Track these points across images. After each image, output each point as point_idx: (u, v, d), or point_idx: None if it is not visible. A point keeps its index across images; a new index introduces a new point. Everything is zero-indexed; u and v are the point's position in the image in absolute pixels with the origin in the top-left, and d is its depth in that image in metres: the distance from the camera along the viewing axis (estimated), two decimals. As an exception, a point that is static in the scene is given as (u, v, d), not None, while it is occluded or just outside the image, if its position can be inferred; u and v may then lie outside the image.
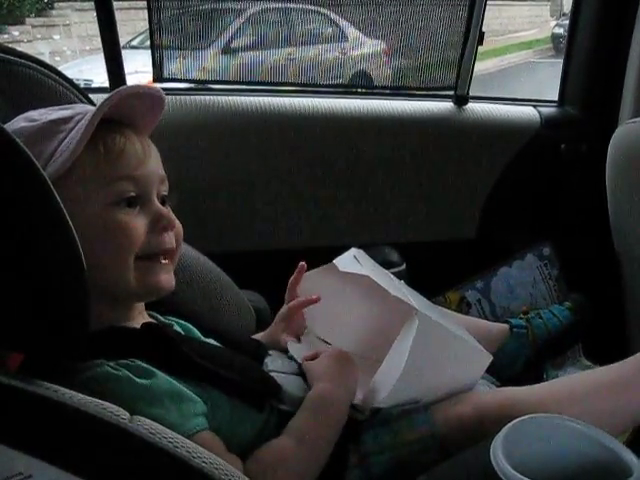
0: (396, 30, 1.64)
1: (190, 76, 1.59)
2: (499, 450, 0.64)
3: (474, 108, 1.62)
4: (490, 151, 1.62)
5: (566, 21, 1.76)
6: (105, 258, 0.76)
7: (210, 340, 0.91)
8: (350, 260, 0.99)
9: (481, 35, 1.56)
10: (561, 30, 7.69)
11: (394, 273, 1.09)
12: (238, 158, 1.49)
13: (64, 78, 1.09)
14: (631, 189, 1.33)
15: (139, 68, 2.32)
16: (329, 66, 1.76)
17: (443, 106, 1.61)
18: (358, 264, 0.97)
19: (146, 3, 1.44)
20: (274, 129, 1.50)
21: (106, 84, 1.47)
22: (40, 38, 5.69)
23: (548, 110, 1.69)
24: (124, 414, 0.59)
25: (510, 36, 9.59)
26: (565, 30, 1.75)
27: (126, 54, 1.46)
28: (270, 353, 0.94)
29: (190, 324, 0.92)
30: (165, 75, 1.51)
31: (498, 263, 1.52)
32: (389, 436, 0.84)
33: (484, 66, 7.20)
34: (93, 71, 3.62)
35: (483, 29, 1.56)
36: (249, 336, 1.05)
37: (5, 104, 0.95)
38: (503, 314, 1.47)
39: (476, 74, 1.62)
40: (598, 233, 1.49)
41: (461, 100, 1.61)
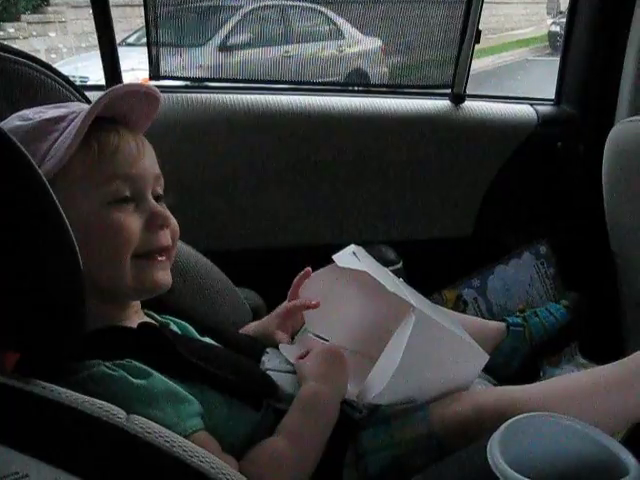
0: (393, 28, 1.64)
1: (186, 74, 1.59)
2: (496, 448, 0.64)
3: (471, 106, 1.62)
4: (487, 149, 1.62)
5: (562, 19, 1.77)
6: (101, 257, 0.76)
7: (206, 338, 0.91)
8: (349, 256, 0.99)
9: (478, 33, 1.56)
10: (557, 28, 7.71)
11: (391, 271, 1.09)
12: (234, 156, 1.49)
13: (60, 75, 1.08)
14: (627, 187, 1.33)
15: (135, 65, 2.31)
16: (326, 64, 1.76)
17: (440, 104, 1.61)
18: (356, 260, 0.97)
19: (142, 0, 1.43)
20: (270, 127, 1.50)
21: (102, 81, 1.46)
22: (36, 35, 5.68)
23: (545, 108, 1.69)
24: (120, 413, 0.59)
25: (507, 34, 9.59)
26: (561, 28, 1.76)
27: (122, 51, 1.46)
28: (267, 351, 0.94)
29: (186, 322, 0.91)
30: (161, 73, 1.50)
31: (495, 261, 1.52)
32: (386, 435, 0.83)
33: (481, 64, 7.20)
34: (89, 68, 3.61)
35: (480, 27, 1.56)
36: (244, 333, 1.05)
37: (0, 101, 0.95)
38: (500, 312, 1.47)
39: (473, 72, 1.62)
40: (594, 231, 1.49)
41: (458, 98, 1.61)
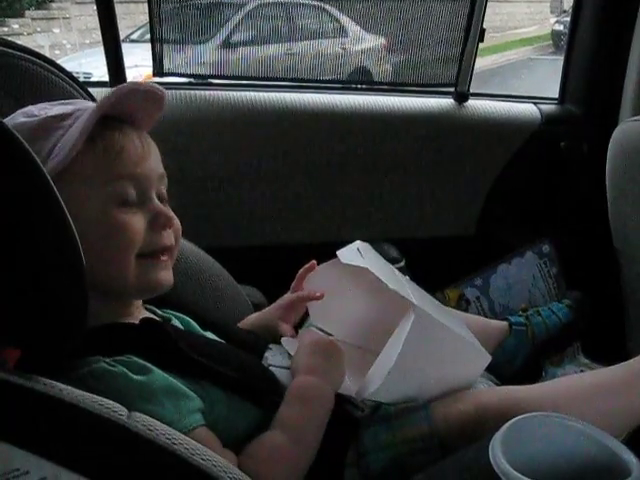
0: (397, 26, 1.63)
1: (190, 71, 1.59)
2: (498, 448, 0.64)
3: (474, 105, 1.62)
4: (490, 148, 1.62)
5: (566, 18, 1.77)
6: (105, 256, 0.76)
7: (208, 334, 0.91)
8: (353, 253, 0.99)
9: (482, 32, 1.56)
10: (561, 27, 7.68)
11: (393, 270, 1.09)
12: (237, 153, 1.49)
13: (63, 72, 1.08)
14: (631, 186, 1.33)
15: (139, 62, 2.31)
16: (329, 61, 1.76)
17: (443, 103, 1.61)
18: (360, 257, 0.97)
19: (146, -4, 1.43)
20: (273, 124, 1.50)
21: (105, 78, 1.46)
22: (40, 31, 5.69)
23: (548, 107, 1.69)
24: (122, 410, 0.59)
25: (510, 32, 9.58)
26: (565, 27, 1.75)
27: (126, 48, 1.46)
28: (270, 347, 0.94)
29: (188, 318, 0.91)
30: (165, 69, 1.50)
31: (497, 260, 1.52)
32: (388, 434, 0.83)
33: (484, 63, 7.19)
34: (92, 64, 3.61)
35: (484, 26, 1.56)
36: (246, 327, 1.05)
37: (4, 97, 0.95)
38: (502, 311, 1.47)
39: (476, 70, 1.62)
40: (597, 231, 1.49)
41: (461, 97, 1.61)
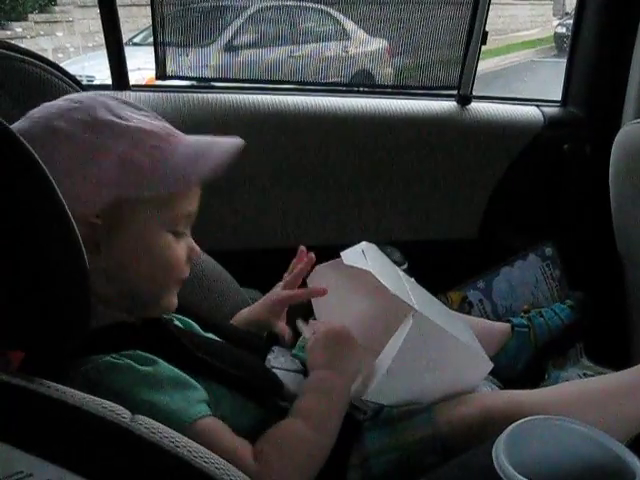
0: (399, 29, 1.63)
1: (192, 74, 1.59)
2: (501, 451, 0.64)
3: (477, 108, 1.62)
4: (493, 151, 1.62)
5: (568, 21, 1.77)
6: (151, 278, 0.79)
7: (209, 335, 0.91)
8: (357, 254, 0.99)
9: (484, 34, 1.55)
10: (563, 30, 7.70)
11: (397, 273, 1.09)
12: (240, 156, 1.49)
13: (66, 74, 1.09)
14: (634, 190, 1.33)
15: (141, 65, 2.32)
16: (331, 64, 1.76)
17: (446, 105, 1.61)
18: (364, 259, 0.97)
19: (149, 0, 1.43)
20: (275, 127, 1.50)
21: (108, 81, 1.47)
22: (43, 34, 5.70)
23: (551, 110, 1.68)
24: (125, 413, 0.59)
25: (513, 35, 9.58)
26: (568, 30, 1.75)
27: (128, 51, 1.46)
28: (273, 350, 0.94)
29: (190, 320, 0.91)
30: (167, 72, 1.50)
31: (500, 263, 1.51)
32: (390, 437, 0.83)
33: (487, 65, 7.20)
34: (95, 68, 3.62)
35: (486, 28, 1.55)
36: (246, 331, 1.04)
37: (7, 100, 0.95)
38: (505, 314, 1.47)
39: (479, 73, 1.62)
40: (600, 233, 1.49)
41: (464, 99, 1.61)
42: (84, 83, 1.16)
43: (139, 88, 1.52)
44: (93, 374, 0.70)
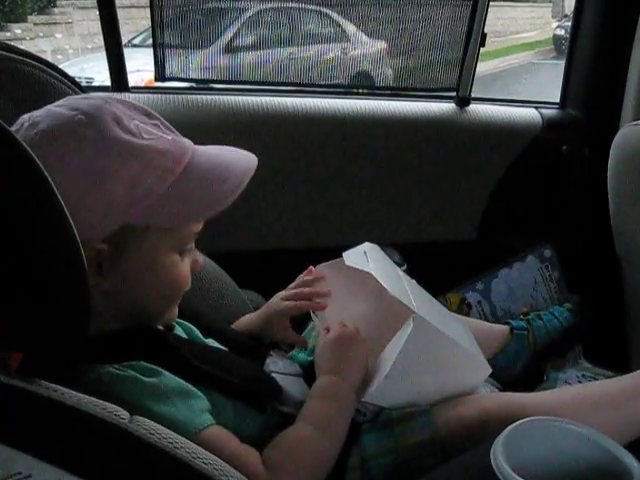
0: (398, 30, 1.64)
1: (192, 75, 1.59)
2: (499, 452, 0.64)
3: (476, 109, 1.62)
4: (491, 152, 1.62)
5: (567, 23, 1.77)
6: (151, 296, 0.79)
7: (210, 340, 0.91)
8: (358, 255, 0.99)
9: (483, 36, 1.56)
10: (563, 32, 7.70)
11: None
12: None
13: (66, 76, 1.09)
14: (632, 192, 1.33)
15: (140, 67, 2.32)
16: (330, 66, 1.76)
17: (445, 107, 1.61)
18: (365, 260, 0.97)
19: (149, 1, 1.44)
20: (275, 129, 1.50)
21: (107, 82, 1.47)
22: (42, 36, 5.70)
23: (550, 112, 1.69)
24: (124, 414, 0.59)
25: (512, 37, 9.60)
26: (567, 32, 1.75)
27: (127, 53, 1.46)
28: (271, 354, 0.94)
29: (190, 323, 0.91)
30: (167, 74, 1.51)
31: (499, 265, 1.52)
32: (389, 440, 0.83)
33: (486, 67, 7.20)
34: (95, 69, 3.63)
35: (485, 30, 1.56)
36: (246, 335, 1.04)
37: (6, 102, 0.95)
38: (503, 315, 1.47)
39: (478, 75, 1.62)
40: (599, 235, 1.49)
41: (463, 101, 1.61)
42: (83, 85, 1.16)
43: (138, 90, 1.52)
44: (97, 385, 0.69)
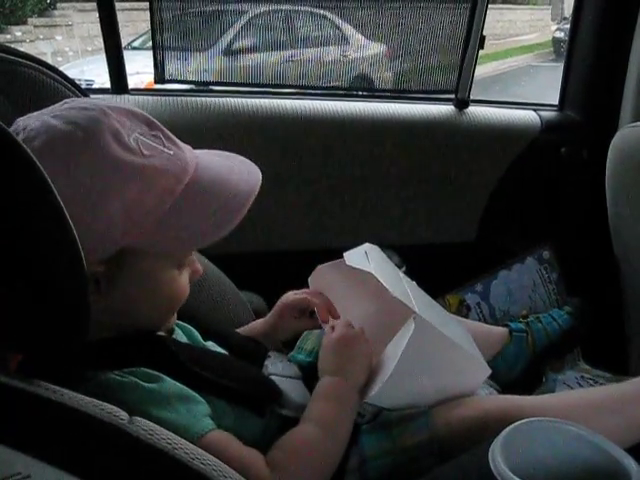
0: (397, 33, 1.64)
1: (191, 77, 1.59)
2: (497, 453, 0.64)
3: (475, 111, 1.62)
4: (490, 154, 1.62)
5: (567, 25, 1.77)
6: (150, 310, 0.79)
7: (209, 343, 0.91)
8: (359, 255, 0.99)
9: (482, 39, 1.56)
10: (562, 34, 7.71)
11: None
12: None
13: (66, 78, 1.09)
14: (631, 193, 1.33)
15: (140, 69, 2.32)
16: (330, 69, 1.77)
17: (444, 109, 1.61)
18: (366, 260, 0.97)
19: (148, 4, 1.44)
20: (274, 131, 1.50)
21: (107, 85, 1.47)
22: (42, 38, 5.71)
23: (548, 114, 1.69)
24: (123, 415, 0.59)
25: (511, 40, 9.61)
26: (566, 34, 1.75)
27: (127, 55, 1.47)
28: (269, 355, 0.94)
29: (190, 325, 0.91)
30: (166, 76, 1.51)
31: (498, 266, 1.52)
32: (388, 441, 0.83)
33: (485, 70, 7.21)
34: (94, 72, 3.63)
35: (484, 33, 1.56)
36: (246, 337, 1.05)
37: (6, 104, 0.95)
38: (502, 317, 1.47)
39: (477, 78, 1.62)
40: (598, 237, 1.49)
41: (462, 103, 1.61)
42: (83, 87, 1.16)
43: (138, 92, 1.52)
44: (98, 391, 0.68)
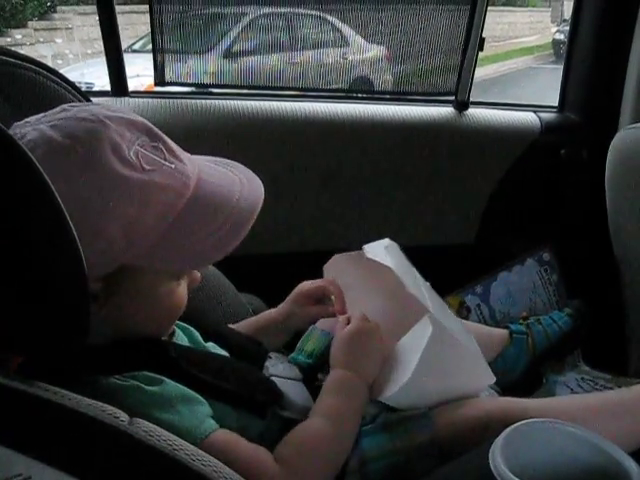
0: (397, 35, 1.64)
1: (191, 80, 1.60)
2: (498, 454, 0.64)
3: (474, 113, 1.63)
4: (490, 156, 1.62)
5: (566, 27, 1.77)
6: (148, 322, 0.79)
7: (210, 344, 0.91)
8: (380, 249, 0.99)
9: (482, 41, 1.56)
10: (562, 36, 7.72)
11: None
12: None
13: (66, 81, 1.09)
14: (630, 194, 1.33)
15: (140, 72, 2.33)
16: (330, 71, 1.77)
17: (444, 111, 1.62)
18: (385, 254, 0.97)
19: (148, 7, 1.44)
20: (274, 133, 1.50)
21: (107, 87, 1.47)
22: (42, 41, 5.72)
23: (548, 116, 1.69)
24: (123, 417, 0.59)
25: (511, 42, 9.62)
26: (566, 36, 1.75)
27: (127, 58, 1.47)
28: (270, 356, 0.94)
29: (190, 326, 0.91)
30: (166, 79, 1.51)
31: (498, 268, 1.51)
32: (388, 442, 0.83)
33: (485, 72, 7.22)
34: (95, 74, 3.63)
35: (484, 35, 1.56)
36: (247, 337, 1.04)
37: (6, 106, 0.95)
38: (502, 319, 1.47)
39: (477, 80, 1.62)
40: (598, 238, 1.49)
41: (462, 105, 1.62)
42: (83, 90, 1.16)
43: (138, 94, 1.52)
44: (101, 395, 0.67)
